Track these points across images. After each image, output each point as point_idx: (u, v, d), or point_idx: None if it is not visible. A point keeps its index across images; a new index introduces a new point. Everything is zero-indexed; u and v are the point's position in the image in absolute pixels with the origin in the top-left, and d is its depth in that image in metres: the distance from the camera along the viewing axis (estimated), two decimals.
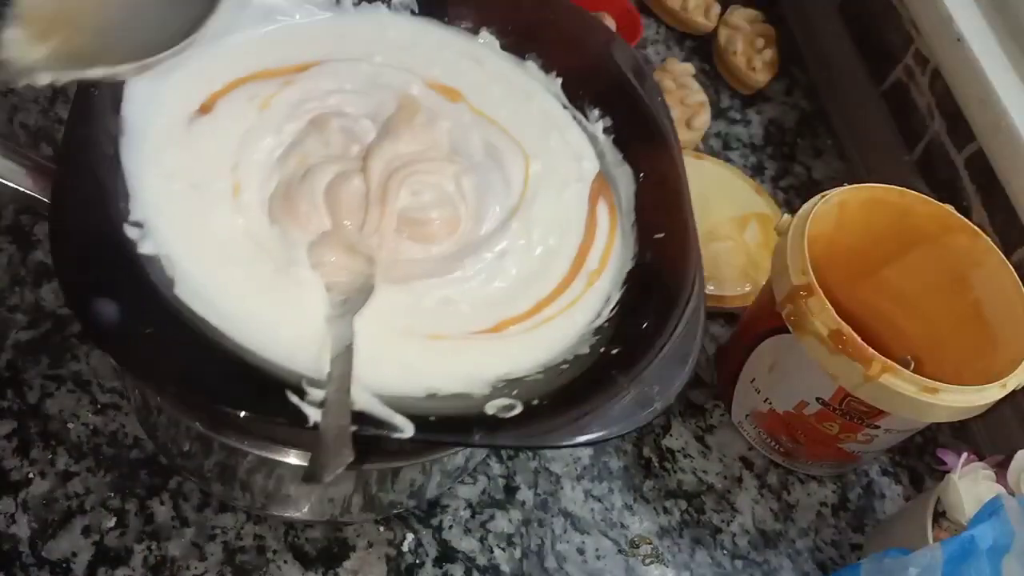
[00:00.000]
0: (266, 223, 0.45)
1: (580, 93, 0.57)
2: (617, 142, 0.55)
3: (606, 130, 0.55)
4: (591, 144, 0.56)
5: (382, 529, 0.51)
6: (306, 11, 0.55)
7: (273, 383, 0.37)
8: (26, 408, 0.49)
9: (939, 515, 0.52)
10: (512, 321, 0.46)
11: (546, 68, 0.57)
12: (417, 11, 0.57)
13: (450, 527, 0.52)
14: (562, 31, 0.58)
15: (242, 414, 0.37)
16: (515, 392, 0.42)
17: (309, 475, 0.35)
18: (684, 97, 0.75)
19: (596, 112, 0.56)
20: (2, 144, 0.40)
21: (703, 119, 0.74)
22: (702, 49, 0.86)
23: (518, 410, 0.40)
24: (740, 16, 0.85)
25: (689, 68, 0.78)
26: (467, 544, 0.52)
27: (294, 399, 0.37)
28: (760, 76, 0.82)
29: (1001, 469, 0.54)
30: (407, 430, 0.37)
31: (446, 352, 0.44)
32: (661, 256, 0.49)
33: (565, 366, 0.45)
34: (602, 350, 0.45)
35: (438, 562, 0.51)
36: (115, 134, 0.44)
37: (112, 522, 0.47)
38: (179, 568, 0.47)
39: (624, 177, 0.54)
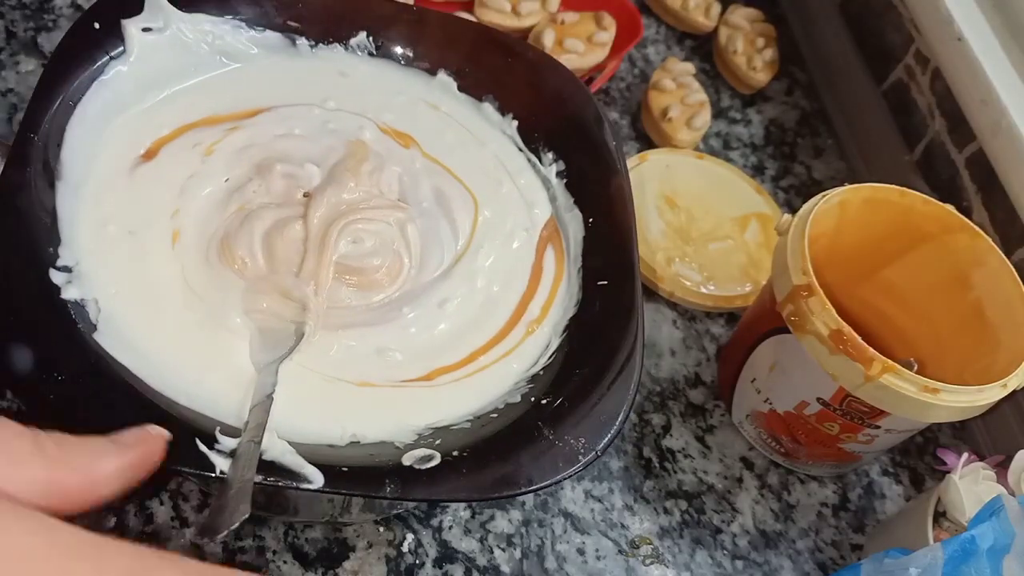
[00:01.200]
0: (202, 268, 0.45)
1: (535, 135, 0.57)
2: (569, 186, 0.55)
3: (559, 174, 0.56)
4: (544, 188, 0.56)
5: (382, 529, 0.50)
6: (263, 54, 0.55)
7: (184, 431, 0.37)
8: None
9: (939, 515, 0.52)
10: (445, 370, 0.46)
11: (503, 110, 0.57)
12: (375, 52, 0.57)
13: (450, 527, 0.52)
14: (521, 74, 0.58)
15: None
16: (439, 441, 0.42)
17: (207, 528, 0.34)
18: (684, 97, 0.75)
19: (550, 155, 0.56)
20: None
21: (703, 119, 0.74)
22: (702, 49, 0.86)
23: (435, 461, 0.39)
24: (740, 15, 0.85)
25: (689, 68, 0.78)
26: (467, 544, 0.52)
27: (202, 448, 0.37)
28: (760, 76, 0.82)
29: (1002, 469, 0.54)
30: (316, 481, 0.37)
31: (374, 400, 0.44)
32: (604, 303, 0.49)
33: (495, 415, 0.44)
34: (533, 399, 0.45)
35: (438, 562, 0.51)
36: (52, 179, 0.44)
37: (112, 522, 0.47)
38: None
39: (574, 222, 0.54)
